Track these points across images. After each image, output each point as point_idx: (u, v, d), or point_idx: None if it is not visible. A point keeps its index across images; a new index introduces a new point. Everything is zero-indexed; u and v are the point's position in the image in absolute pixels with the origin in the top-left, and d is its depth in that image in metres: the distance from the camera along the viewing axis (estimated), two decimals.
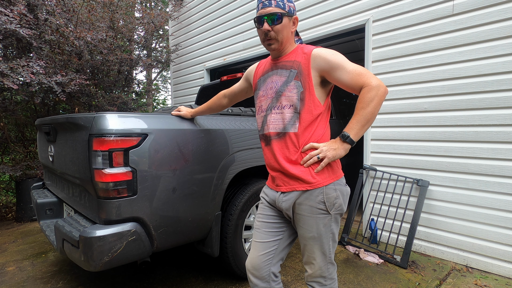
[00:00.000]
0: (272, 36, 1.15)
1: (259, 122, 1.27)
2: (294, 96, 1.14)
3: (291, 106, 1.14)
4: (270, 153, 1.20)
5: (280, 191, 1.19)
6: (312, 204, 1.12)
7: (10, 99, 3.86)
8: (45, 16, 3.54)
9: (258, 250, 1.23)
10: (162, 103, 14.79)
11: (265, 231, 1.24)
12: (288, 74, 1.17)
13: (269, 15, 1.12)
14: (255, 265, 1.22)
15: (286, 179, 1.17)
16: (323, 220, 1.14)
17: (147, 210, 1.49)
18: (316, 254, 1.16)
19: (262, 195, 1.33)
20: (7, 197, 4.46)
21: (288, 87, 1.15)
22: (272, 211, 1.26)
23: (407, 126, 2.58)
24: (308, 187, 1.12)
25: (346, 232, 2.76)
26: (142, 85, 6.05)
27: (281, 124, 1.16)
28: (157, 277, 2.18)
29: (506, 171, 2.14)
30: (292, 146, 1.14)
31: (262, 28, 1.14)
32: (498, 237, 2.19)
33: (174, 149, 1.58)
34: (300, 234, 1.19)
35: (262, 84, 1.26)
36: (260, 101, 1.25)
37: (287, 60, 1.20)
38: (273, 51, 1.21)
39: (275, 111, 1.18)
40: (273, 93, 1.19)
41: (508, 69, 2.11)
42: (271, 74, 1.23)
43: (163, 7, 10.45)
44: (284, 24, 1.15)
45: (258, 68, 1.35)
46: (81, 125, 1.48)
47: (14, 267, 2.38)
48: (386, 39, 2.67)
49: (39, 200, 2.07)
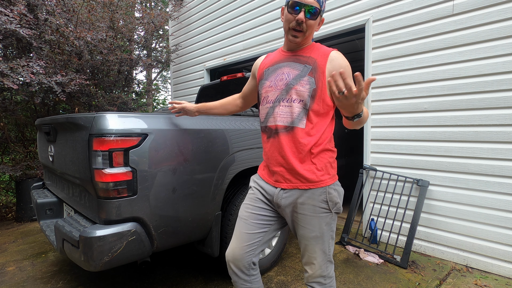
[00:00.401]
0: (303, 28, 1.11)
1: (262, 113, 1.22)
2: (305, 92, 1.11)
3: (301, 101, 1.11)
4: (274, 146, 1.16)
5: (280, 188, 1.17)
6: (315, 204, 1.12)
7: (10, 99, 3.86)
8: (45, 16, 3.54)
9: (242, 241, 1.21)
10: (162, 103, 14.79)
11: (252, 222, 1.22)
12: (302, 68, 1.14)
13: (309, 6, 1.08)
14: (237, 255, 1.21)
15: (288, 176, 1.15)
16: (325, 219, 1.14)
17: (147, 210, 1.49)
18: (317, 254, 1.16)
19: (254, 185, 1.28)
20: (7, 197, 4.46)
21: (300, 82, 1.12)
22: (263, 204, 1.23)
23: (407, 126, 2.58)
24: (311, 186, 1.12)
25: (346, 232, 2.76)
26: (142, 85, 6.05)
27: (290, 118, 1.13)
28: (157, 277, 2.18)
29: (506, 171, 2.14)
30: (300, 142, 1.12)
31: (297, 16, 1.09)
32: (498, 237, 2.19)
33: (174, 149, 1.58)
34: (302, 234, 1.17)
35: (270, 74, 1.21)
36: (267, 91, 1.20)
37: (302, 55, 1.17)
38: (294, 43, 1.16)
39: (284, 104, 1.14)
40: (283, 85, 1.15)
41: (508, 69, 2.11)
42: (282, 66, 1.19)
43: (163, 7, 10.45)
44: (316, 21, 1.13)
45: (266, 59, 1.31)
46: (81, 125, 1.48)
47: (14, 267, 2.38)
48: (386, 39, 2.67)
49: (39, 200, 2.07)
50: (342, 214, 3.60)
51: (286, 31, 1.16)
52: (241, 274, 1.22)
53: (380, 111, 2.73)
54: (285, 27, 1.16)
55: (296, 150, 1.12)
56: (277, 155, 1.16)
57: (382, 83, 2.70)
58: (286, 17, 1.14)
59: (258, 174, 1.30)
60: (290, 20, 1.12)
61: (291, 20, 1.12)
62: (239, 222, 1.26)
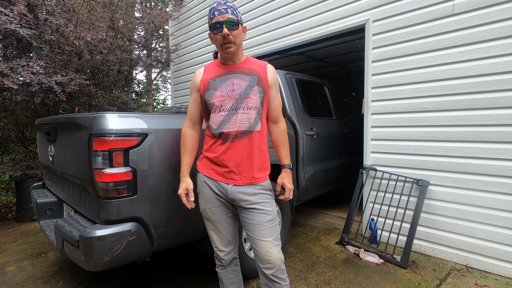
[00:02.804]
0: (231, 40, 1.27)
1: (216, 120, 1.32)
2: (258, 100, 1.31)
3: (255, 108, 1.31)
4: (233, 149, 1.30)
5: (233, 184, 1.31)
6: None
7: (10, 99, 3.86)
8: (45, 16, 3.54)
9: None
10: (162, 103, 14.79)
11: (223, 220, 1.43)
12: (249, 79, 1.32)
13: (227, 21, 1.25)
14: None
15: (244, 174, 1.31)
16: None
17: (147, 210, 1.49)
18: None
19: (204, 189, 1.37)
20: (7, 197, 4.46)
21: (252, 91, 1.30)
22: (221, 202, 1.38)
23: (407, 126, 2.58)
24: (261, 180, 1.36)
25: (346, 232, 2.76)
26: (142, 85, 6.05)
27: (247, 123, 1.30)
28: (157, 277, 2.18)
29: (506, 171, 2.14)
30: (256, 143, 1.32)
31: (222, 32, 1.25)
32: (498, 237, 2.19)
33: (174, 149, 1.58)
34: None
35: (219, 84, 1.32)
36: (219, 100, 1.31)
37: (245, 67, 1.36)
38: (231, 54, 1.31)
39: (241, 111, 1.30)
40: (237, 94, 1.30)
41: (508, 69, 2.11)
42: (230, 77, 1.33)
43: (163, 7, 10.45)
44: (240, 30, 1.30)
45: (206, 71, 1.40)
46: (81, 125, 1.48)
47: (14, 267, 2.38)
48: (386, 39, 2.67)
49: (39, 200, 2.07)
50: (342, 214, 3.60)
51: (219, 48, 1.32)
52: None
53: (380, 111, 2.73)
54: (218, 46, 1.32)
55: (253, 150, 1.32)
56: (236, 156, 1.30)
57: (382, 83, 2.70)
58: (215, 38, 1.31)
59: (206, 175, 1.37)
60: (218, 38, 1.29)
61: (219, 38, 1.28)
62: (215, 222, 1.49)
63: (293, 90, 2.84)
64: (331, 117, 3.39)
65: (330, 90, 3.59)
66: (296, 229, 3.13)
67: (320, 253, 2.55)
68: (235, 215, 1.45)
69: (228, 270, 1.47)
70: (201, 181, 1.39)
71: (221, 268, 1.47)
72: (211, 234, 1.43)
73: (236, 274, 1.50)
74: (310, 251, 2.58)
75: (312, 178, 2.88)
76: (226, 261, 1.45)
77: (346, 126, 3.63)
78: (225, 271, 1.47)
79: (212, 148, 1.35)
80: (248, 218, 1.32)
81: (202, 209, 1.40)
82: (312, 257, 2.47)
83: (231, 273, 1.48)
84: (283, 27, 3.59)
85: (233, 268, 1.49)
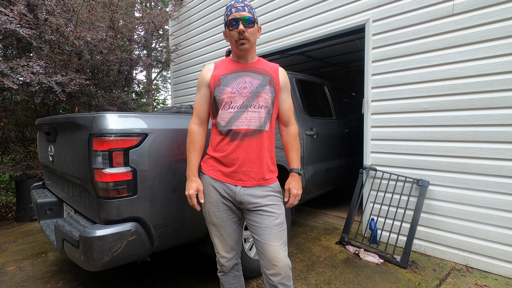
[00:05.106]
0: (246, 37, 1.26)
1: (225, 117, 1.28)
2: (269, 99, 1.30)
3: (266, 107, 1.30)
4: (243, 148, 1.26)
5: (242, 186, 1.28)
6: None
7: (10, 99, 3.86)
8: (45, 16, 3.54)
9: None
10: (162, 103, 14.78)
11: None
12: (261, 78, 1.31)
13: (243, 18, 1.25)
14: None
15: (253, 175, 1.28)
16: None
17: (147, 210, 1.49)
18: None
19: (210, 192, 1.32)
20: (7, 197, 4.46)
21: (264, 90, 1.29)
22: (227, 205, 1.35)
23: (407, 126, 2.58)
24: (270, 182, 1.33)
25: (346, 232, 2.76)
26: (142, 85, 6.04)
27: (258, 122, 1.28)
28: (157, 277, 2.18)
29: (506, 171, 2.14)
30: (266, 143, 1.30)
31: (238, 28, 1.25)
32: (498, 237, 2.19)
33: (174, 149, 1.58)
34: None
35: (230, 81, 1.30)
36: (229, 97, 1.28)
37: (257, 67, 1.35)
38: (244, 51, 1.30)
39: (252, 110, 1.27)
40: (249, 92, 1.27)
41: (508, 69, 2.11)
42: (242, 75, 1.31)
43: (163, 7, 10.44)
44: (255, 29, 1.31)
45: (217, 67, 1.36)
46: (81, 125, 1.48)
47: (14, 267, 2.38)
48: (386, 39, 2.67)
49: (39, 200, 2.07)
50: (342, 214, 3.60)
51: (233, 45, 1.31)
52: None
53: (380, 111, 2.73)
54: (232, 42, 1.31)
55: (263, 150, 1.29)
56: (245, 156, 1.27)
57: (382, 83, 2.70)
58: (229, 35, 1.30)
59: (213, 177, 1.31)
60: (233, 35, 1.28)
61: (234, 35, 1.27)
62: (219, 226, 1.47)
63: (293, 90, 2.84)
64: (331, 117, 3.39)
65: (330, 90, 3.59)
66: (296, 229, 3.13)
67: (320, 253, 2.56)
68: (240, 220, 1.40)
69: (229, 276, 1.44)
70: (207, 183, 1.33)
71: (222, 274, 1.44)
72: (214, 240, 1.38)
73: (238, 279, 1.47)
74: (310, 251, 2.58)
75: (312, 178, 2.88)
76: (228, 267, 1.41)
77: (346, 126, 3.63)
78: (226, 277, 1.44)
79: (219, 147, 1.30)
80: (256, 221, 1.28)
81: (206, 213, 1.36)
82: (312, 257, 2.47)
83: (232, 279, 1.45)
84: (283, 27, 3.59)
85: (235, 273, 1.45)
